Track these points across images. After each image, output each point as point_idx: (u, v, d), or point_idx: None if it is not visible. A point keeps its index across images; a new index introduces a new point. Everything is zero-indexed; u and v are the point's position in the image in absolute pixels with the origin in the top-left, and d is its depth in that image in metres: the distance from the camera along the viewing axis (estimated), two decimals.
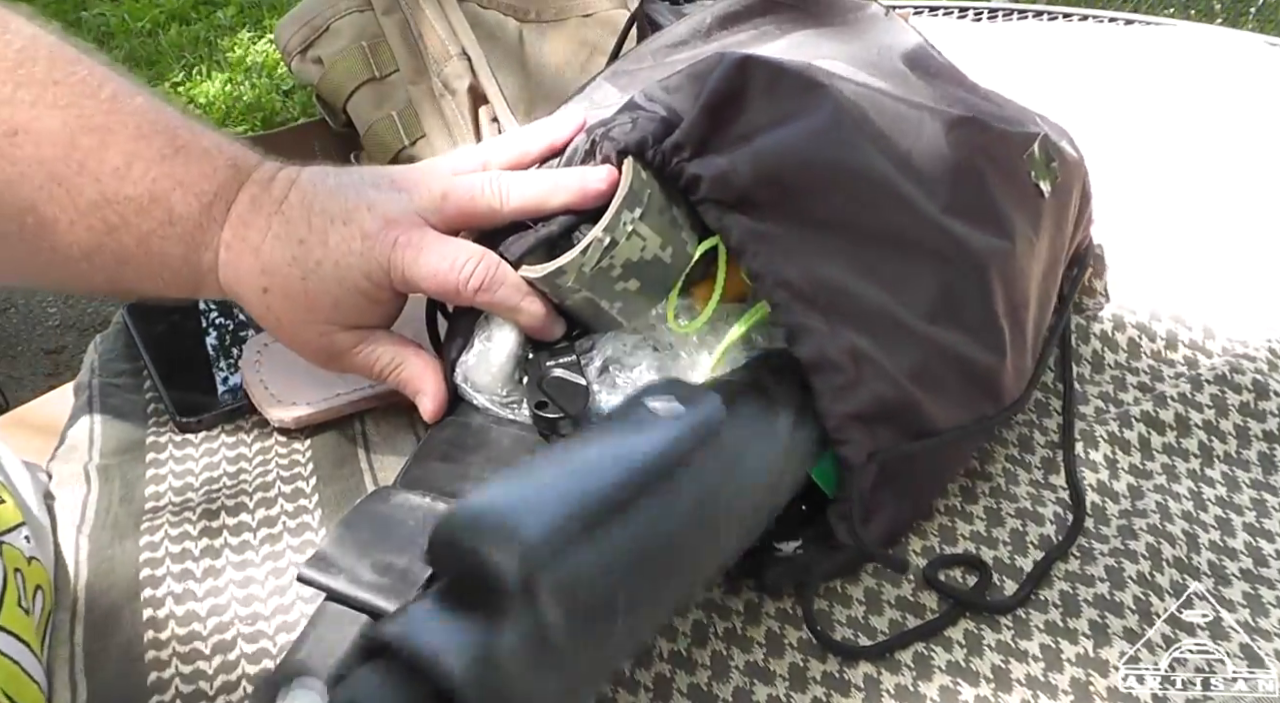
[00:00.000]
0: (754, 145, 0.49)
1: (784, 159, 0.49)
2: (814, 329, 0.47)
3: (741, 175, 0.48)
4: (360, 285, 0.51)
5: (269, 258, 0.51)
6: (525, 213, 0.52)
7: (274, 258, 0.51)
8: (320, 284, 0.51)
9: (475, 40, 0.72)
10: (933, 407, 0.50)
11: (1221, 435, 0.56)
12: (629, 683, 0.47)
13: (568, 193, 0.50)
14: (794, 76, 0.51)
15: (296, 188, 0.52)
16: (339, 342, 0.53)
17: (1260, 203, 0.72)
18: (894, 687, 0.46)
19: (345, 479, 0.58)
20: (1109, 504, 0.53)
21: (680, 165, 0.49)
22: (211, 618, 0.51)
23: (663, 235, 0.50)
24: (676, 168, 0.49)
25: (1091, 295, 0.64)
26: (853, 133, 0.51)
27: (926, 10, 1.01)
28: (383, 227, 0.50)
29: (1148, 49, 0.92)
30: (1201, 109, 0.82)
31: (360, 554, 0.46)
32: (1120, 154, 0.76)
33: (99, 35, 2.53)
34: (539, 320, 0.51)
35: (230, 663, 0.49)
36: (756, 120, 0.50)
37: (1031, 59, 0.92)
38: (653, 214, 0.50)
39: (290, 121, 1.93)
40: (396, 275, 0.51)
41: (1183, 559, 0.50)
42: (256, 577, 0.53)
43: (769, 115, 0.50)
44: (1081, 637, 0.47)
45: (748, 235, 0.48)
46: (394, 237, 0.50)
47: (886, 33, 0.60)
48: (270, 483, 0.58)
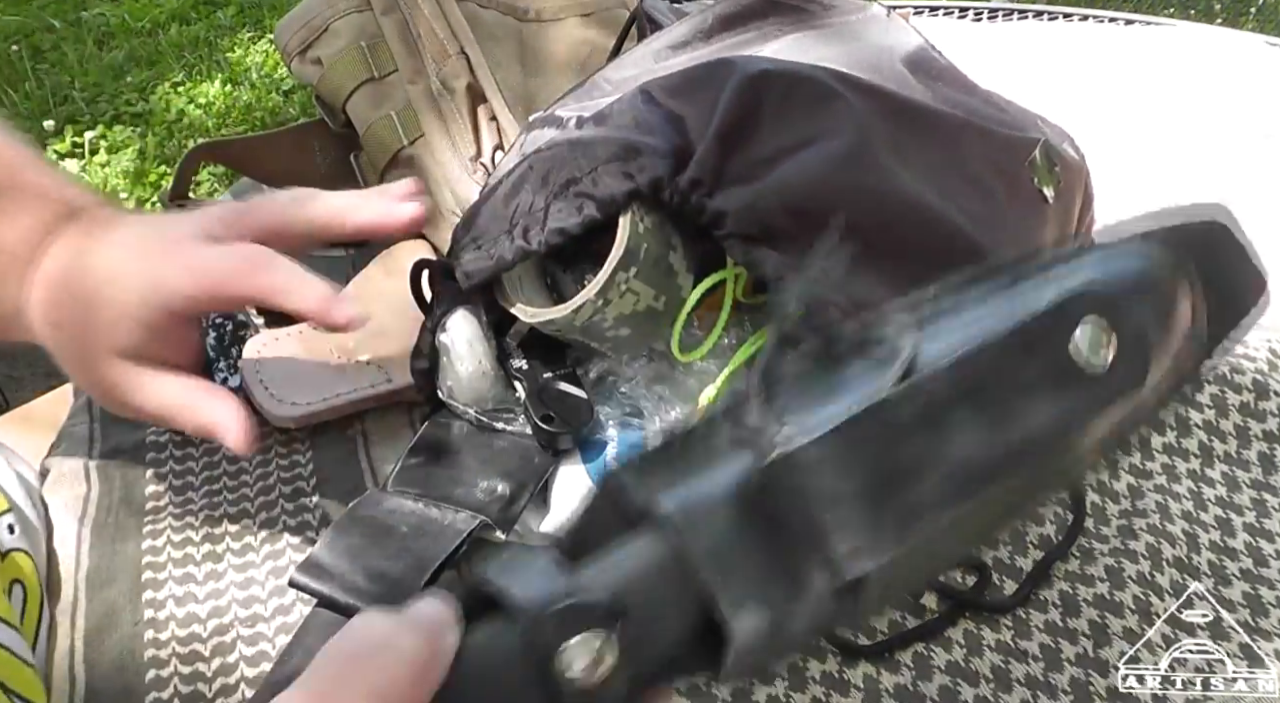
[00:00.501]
0: (775, 175, 0.48)
1: (808, 188, 0.48)
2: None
3: (767, 208, 0.47)
4: (133, 301, 0.47)
5: (53, 280, 0.48)
6: (326, 228, 0.50)
7: (56, 280, 0.48)
8: (97, 303, 0.47)
9: (474, 39, 0.71)
10: None
11: (1222, 435, 0.56)
12: None
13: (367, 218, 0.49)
14: (808, 89, 0.50)
15: (109, 222, 0.49)
16: (122, 374, 0.48)
17: (1260, 203, 0.72)
18: (894, 687, 0.46)
19: (345, 479, 0.58)
20: (1109, 504, 0.53)
21: (700, 201, 0.48)
22: (212, 619, 0.51)
23: (656, 287, 0.50)
24: (696, 204, 0.48)
25: None
26: (875, 151, 0.50)
27: (926, 10, 1.01)
28: (160, 244, 0.48)
29: (1148, 49, 0.92)
30: (1202, 109, 0.82)
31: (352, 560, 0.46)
32: (1121, 154, 0.76)
33: (99, 35, 2.53)
34: (315, 302, 0.46)
35: (230, 665, 0.49)
36: (774, 141, 0.49)
37: (1031, 59, 0.91)
38: (647, 269, 0.49)
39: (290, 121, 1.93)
40: (165, 288, 0.46)
41: (1183, 559, 0.50)
42: (257, 578, 0.53)
43: (787, 136, 0.49)
44: (1081, 637, 0.47)
45: (781, 267, 0.47)
46: (165, 249, 0.47)
47: (887, 34, 0.60)
48: (270, 483, 0.58)
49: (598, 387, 0.55)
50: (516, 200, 0.50)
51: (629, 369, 0.55)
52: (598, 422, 0.53)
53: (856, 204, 0.49)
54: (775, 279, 0.47)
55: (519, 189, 0.50)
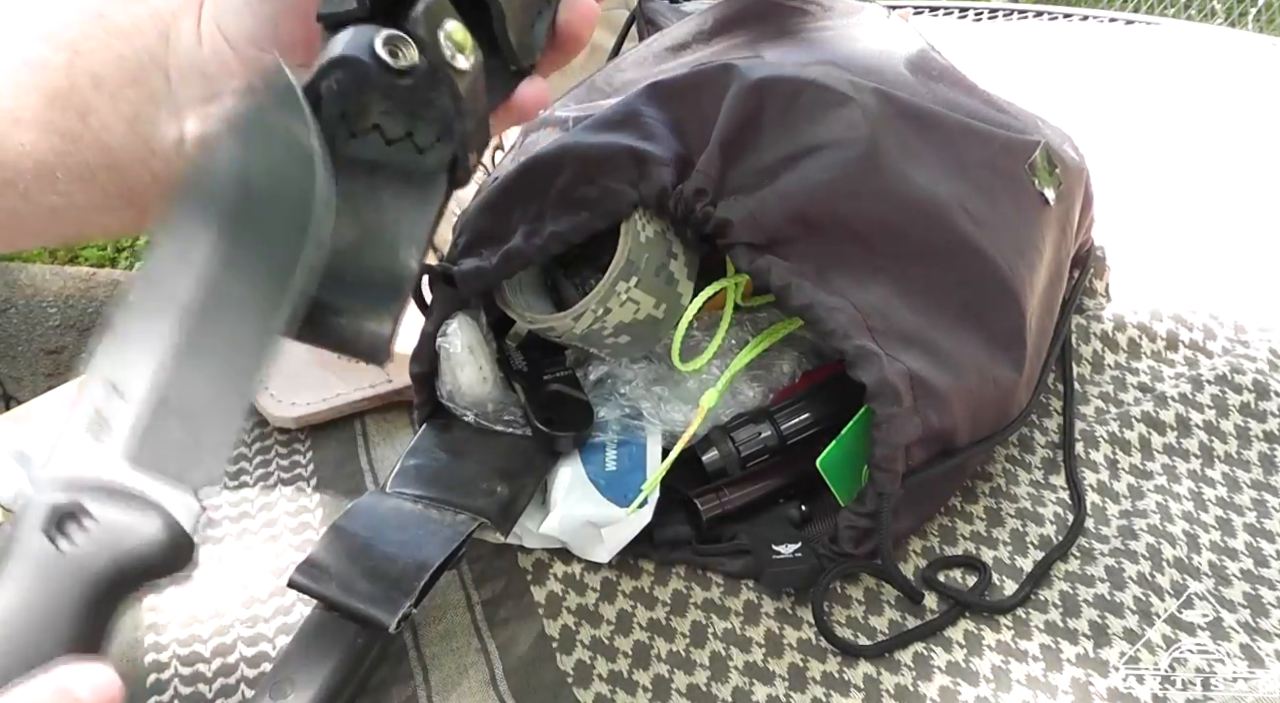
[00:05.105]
0: (781, 182, 0.48)
1: (816, 195, 0.48)
2: (874, 353, 0.46)
3: (772, 217, 0.47)
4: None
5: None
6: None
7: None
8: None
9: None
10: (963, 425, 0.49)
11: (1222, 436, 0.56)
12: (628, 683, 0.47)
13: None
14: (814, 94, 0.49)
15: None
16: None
17: (1261, 203, 0.72)
18: (894, 687, 0.46)
19: (345, 479, 0.58)
20: (1109, 504, 0.53)
21: (705, 211, 0.47)
22: (212, 620, 0.51)
23: (657, 296, 0.50)
24: (701, 214, 0.47)
25: (1093, 296, 0.64)
26: (886, 156, 0.49)
27: (926, 10, 1.01)
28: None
29: (1148, 49, 0.92)
30: (1202, 110, 0.82)
31: (352, 560, 0.46)
32: (1121, 155, 0.76)
33: None
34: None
35: (230, 665, 0.49)
36: (778, 148, 0.48)
37: (1031, 59, 0.92)
38: (648, 278, 0.49)
39: None
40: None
41: (1183, 560, 0.50)
42: (257, 578, 0.53)
43: (793, 142, 0.49)
44: (1081, 637, 0.47)
45: (789, 274, 0.47)
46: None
47: (888, 35, 0.60)
48: (271, 484, 0.58)
49: (598, 389, 0.55)
50: (516, 204, 0.50)
51: (629, 371, 0.55)
52: (598, 423, 0.53)
53: (867, 210, 0.49)
54: (780, 287, 0.47)
55: (519, 192, 0.50)
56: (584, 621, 0.50)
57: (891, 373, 0.46)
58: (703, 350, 0.52)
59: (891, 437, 0.46)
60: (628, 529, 0.50)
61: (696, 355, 0.52)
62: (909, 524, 0.52)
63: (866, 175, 0.49)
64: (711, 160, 0.47)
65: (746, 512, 0.52)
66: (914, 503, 0.50)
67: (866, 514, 0.48)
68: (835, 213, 0.48)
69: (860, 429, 0.49)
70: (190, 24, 0.41)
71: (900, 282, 0.49)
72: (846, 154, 0.48)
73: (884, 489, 0.47)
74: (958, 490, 0.55)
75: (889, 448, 0.47)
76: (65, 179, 0.42)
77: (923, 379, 0.47)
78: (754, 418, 0.53)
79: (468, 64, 0.33)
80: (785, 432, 0.53)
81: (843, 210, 0.48)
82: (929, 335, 0.49)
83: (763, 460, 0.53)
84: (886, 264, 0.49)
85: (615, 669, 0.48)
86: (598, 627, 0.50)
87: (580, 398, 0.54)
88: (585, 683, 0.47)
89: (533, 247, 0.48)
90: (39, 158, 0.41)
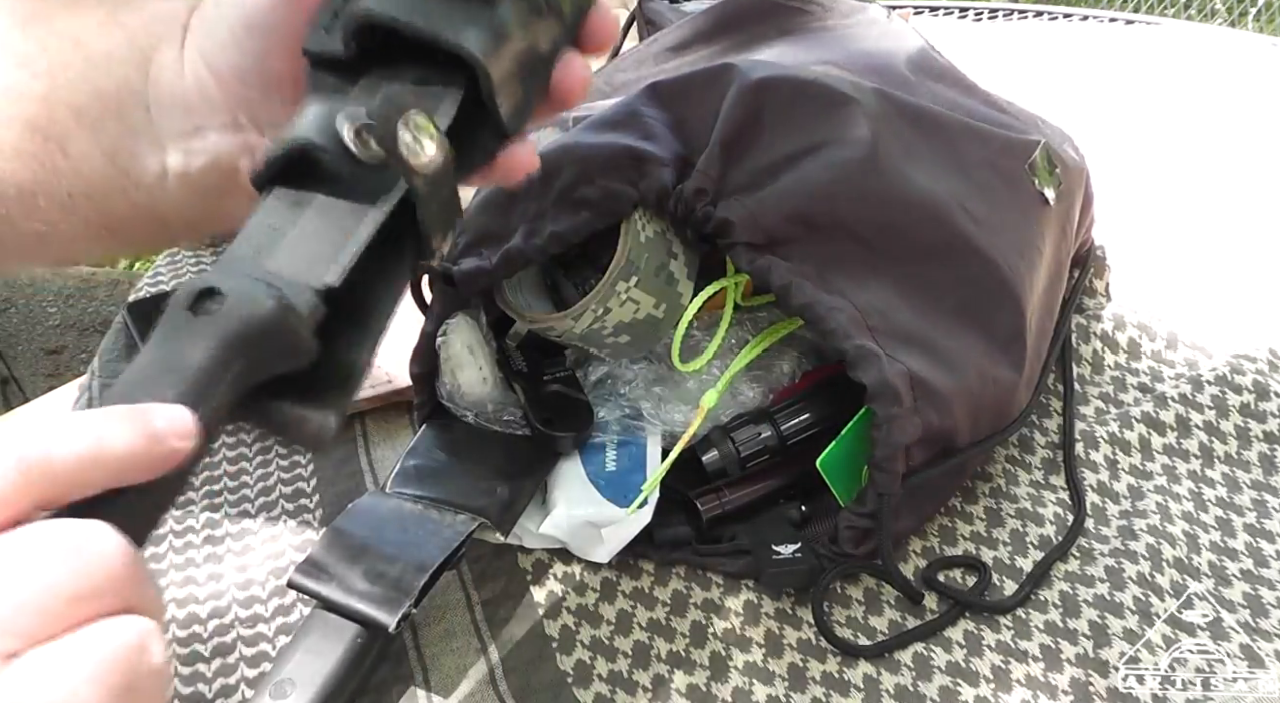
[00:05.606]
0: (782, 182, 0.48)
1: (818, 195, 0.48)
2: (874, 353, 0.46)
3: (772, 217, 0.47)
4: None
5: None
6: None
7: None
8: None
9: None
10: (963, 425, 0.49)
11: (1222, 436, 0.56)
12: (628, 683, 0.47)
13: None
14: (815, 94, 0.49)
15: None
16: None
17: (1261, 204, 0.72)
18: (894, 687, 0.46)
19: (345, 479, 0.58)
20: (1109, 504, 0.53)
21: (706, 211, 0.47)
22: (212, 620, 0.51)
23: (657, 296, 0.50)
24: (702, 214, 0.47)
25: (1093, 296, 0.64)
26: (888, 156, 0.49)
27: (927, 10, 1.02)
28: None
29: (1148, 49, 0.92)
30: (1202, 110, 0.82)
31: (352, 560, 0.46)
32: (1121, 155, 0.76)
33: None
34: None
35: (230, 665, 0.49)
36: (779, 148, 0.48)
37: (1031, 59, 0.92)
38: (648, 278, 0.49)
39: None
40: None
41: (1183, 560, 0.50)
42: (257, 578, 0.53)
43: (793, 142, 0.48)
44: (1081, 637, 0.47)
45: (789, 274, 0.47)
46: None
47: (888, 36, 0.60)
48: (271, 484, 0.58)
49: (598, 389, 0.55)
50: (516, 204, 0.50)
51: (629, 371, 0.55)
52: (598, 423, 0.53)
53: (867, 210, 0.49)
54: (781, 287, 0.47)
55: (519, 193, 0.50)
56: (584, 621, 0.50)
57: (891, 373, 0.46)
58: (703, 350, 0.52)
59: (891, 437, 0.46)
60: (628, 529, 0.50)
61: (696, 355, 0.52)
62: (909, 524, 0.52)
63: (867, 175, 0.49)
64: (712, 161, 0.47)
65: (746, 512, 0.52)
66: (914, 503, 0.50)
67: (866, 514, 0.48)
68: (835, 213, 0.48)
69: (860, 429, 0.49)
70: (173, 54, 0.40)
71: (900, 282, 0.49)
72: (847, 154, 0.48)
73: (884, 489, 0.47)
74: (958, 490, 0.55)
75: (889, 448, 0.47)
76: (47, 206, 0.41)
77: (923, 379, 0.47)
78: (754, 418, 0.53)
79: (429, 158, 0.32)
80: (785, 432, 0.53)
81: (843, 211, 0.48)
82: (929, 335, 0.49)
83: (763, 460, 0.53)
84: (887, 264, 0.49)
85: (615, 669, 0.48)
86: (598, 627, 0.50)
87: (580, 398, 0.54)
88: (585, 683, 0.47)
89: (532, 247, 0.48)
90: (20, 185, 0.41)
